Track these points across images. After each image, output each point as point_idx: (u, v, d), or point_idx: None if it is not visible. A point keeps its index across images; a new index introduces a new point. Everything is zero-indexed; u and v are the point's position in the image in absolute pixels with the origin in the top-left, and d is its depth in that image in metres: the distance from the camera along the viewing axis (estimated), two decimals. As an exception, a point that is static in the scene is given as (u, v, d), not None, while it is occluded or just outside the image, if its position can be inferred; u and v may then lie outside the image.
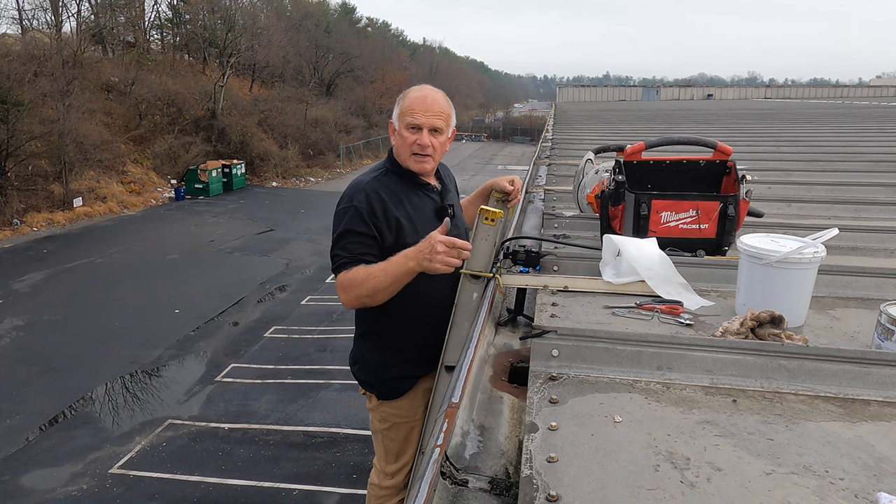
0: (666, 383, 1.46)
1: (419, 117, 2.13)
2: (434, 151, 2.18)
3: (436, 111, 2.15)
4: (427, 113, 2.14)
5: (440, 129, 2.18)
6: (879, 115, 12.57)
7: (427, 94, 2.18)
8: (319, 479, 8.34)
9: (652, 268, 2.07)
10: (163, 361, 12.35)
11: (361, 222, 2.10)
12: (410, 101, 2.16)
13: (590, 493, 1.05)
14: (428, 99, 2.16)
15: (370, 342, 2.35)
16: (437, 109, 2.16)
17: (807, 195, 3.84)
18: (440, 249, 1.92)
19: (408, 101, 2.17)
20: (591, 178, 2.99)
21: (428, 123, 2.14)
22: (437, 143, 2.18)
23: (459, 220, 2.35)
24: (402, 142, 2.18)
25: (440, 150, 2.22)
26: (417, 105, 2.14)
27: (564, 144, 7.09)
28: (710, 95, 37.45)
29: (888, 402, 1.38)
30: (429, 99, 2.16)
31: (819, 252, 1.75)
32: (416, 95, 2.18)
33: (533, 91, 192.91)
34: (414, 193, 2.23)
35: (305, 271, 18.37)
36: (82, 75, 26.47)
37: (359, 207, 2.11)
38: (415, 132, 2.14)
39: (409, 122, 2.14)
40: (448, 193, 2.35)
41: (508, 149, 53.89)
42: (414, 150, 2.16)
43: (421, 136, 2.14)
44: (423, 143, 2.14)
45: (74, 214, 22.96)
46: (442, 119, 2.17)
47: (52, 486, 8.29)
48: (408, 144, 2.16)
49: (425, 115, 2.14)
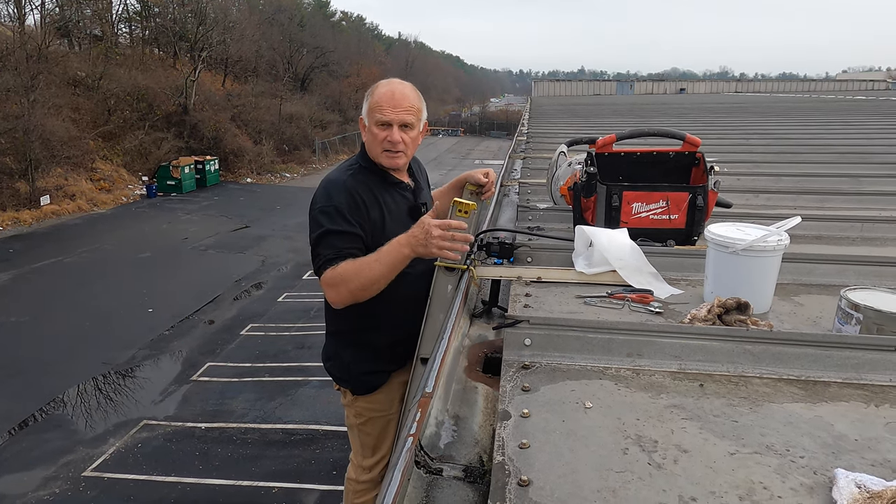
0: (636, 369, 1.49)
1: (388, 113, 2.09)
2: (406, 147, 2.14)
3: (405, 106, 2.10)
4: (396, 108, 2.09)
5: (411, 124, 2.13)
6: (845, 109, 12.91)
7: (395, 88, 2.13)
8: (299, 476, 8.30)
9: (623, 258, 2.11)
10: (136, 361, 12.13)
11: (345, 221, 2.05)
12: (379, 96, 2.11)
13: (560, 476, 1.08)
14: (396, 94, 2.11)
15: (342, 339, 2.34)
16: (406, 104, 2.11)
17: (774, 186, 3.93)
18: (435, 234, 1.89)
19: (376, 96, 2.12)
20: (565, 170, 3.02)
21: (398, 119, 2.10)
22: (409, 138, 2.14)
23: None
24: (372, 138, 2.14)
25: (412, 146, 2.18)
26: (386, 101, 2.09)
27: (540, 138, 7.13)
28: (683, 90, 37.99)
29: (847, 384, 1.43)
30: (397, 94, 2.11)
31: (783, 240, 1.80)
32: (384, 91, 2.12)
33: (509, 86, 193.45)
34: (387, 192, 2.20)
35: (282, 268, 18.20)
36: (47, 70, 25.70)
37: (339, 207, 2.06)
38: (385, 128, 2.10)
39: (378, 118, 2.10)
40: (421, 192, 2.33)
41: (485, 143, 54.00)
42: (385, 147, 2.12)
43: (391, 132, 2.09)
44: (393, 139, 2.10)
45: (42, 213, 22.35)
46: (412, 114, 2.12)
47: (23, 491, 8.10)
48: (378, 141, 2.12)
49: (394, 111, 2.09)
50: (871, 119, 9.84)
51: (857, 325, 1.58)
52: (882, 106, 13.68)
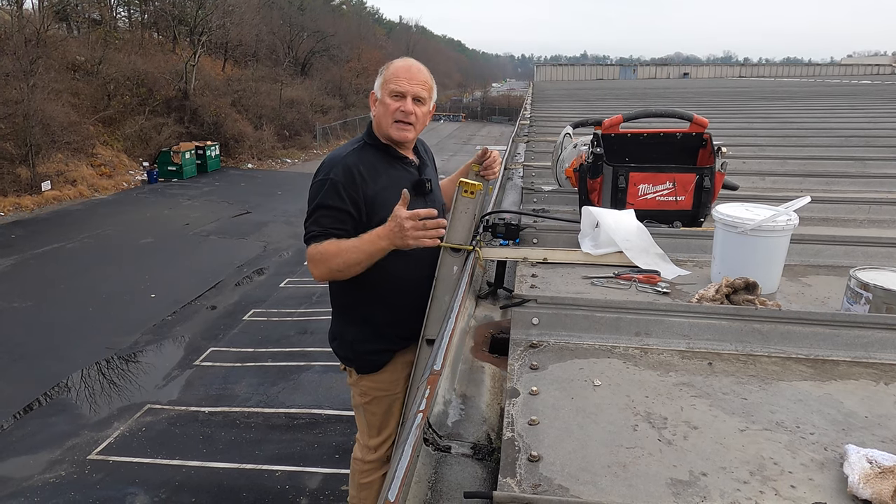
0: (644, 348, 1.49)
1: (404, 84, 2.13)
2: (416, 120, 2.18)
3: (420, 80, 2.16)
4: (412, 81, 2.14)
5: (423, 99, 2.18)
6: (850, 93, 12.80)
7: (412, 64, 2.20)
8: (302, 459, 8.35)
9: (630, 239, 2.10)
10: (139, 347, 12.16)
11: (337, 196, 2.09)
12: (395, 69, 2.17)
13: (570, 452, 1.07)
14: (413, 68, 2.18)
15: (346, 318, 2.35)
16: (422, 78, 2.17)
17: (780, 169, 3.91)
18: (407, 225, 1.92)
19: (392, 69, 2.17)
20: (570, 152, 2.99)
21: (412, 91, 2.14)
22: (420, 112, 2.18)
23: (437, 196, 2.34)
24: (384, 109, 2.16)
25: (422, 120, 2.21)
26: (402, 73, 2.15)
27: (542, 122, 7.09)
28: (686, 74, 37.62)
29: (856, 362, 1.42)
30: (413, 68, 2.18)
31: (792, 220, 1.79)
32: (400, 65, 2.18)
33: (511, 70, 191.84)
34: (391, 167, 2.21)
35: (283, 254, 18.18)
36: (46, 54, 25.48)
37: (335, 180, 2.09)
38: (398, 99, 2.14)
39: (392, 89, 2.14)
40: (426, 168, 2.34)
41: (487, 128, 53.67)
42: (397, 118, 2.14)
43: (405, 102, 2.13)
44: (406, 109, 2.13)
45: (43, 199, 22.30)
46: (425, 89, 2.18)
47: (29, 474, 8.16)
48: (391, 111, 2.14)
49: (410, 84, 2.14)
50: (877, 103, 9.76)
51: (866, 304, 1.57)
52: (888, 90, 13.56)
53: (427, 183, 2.26)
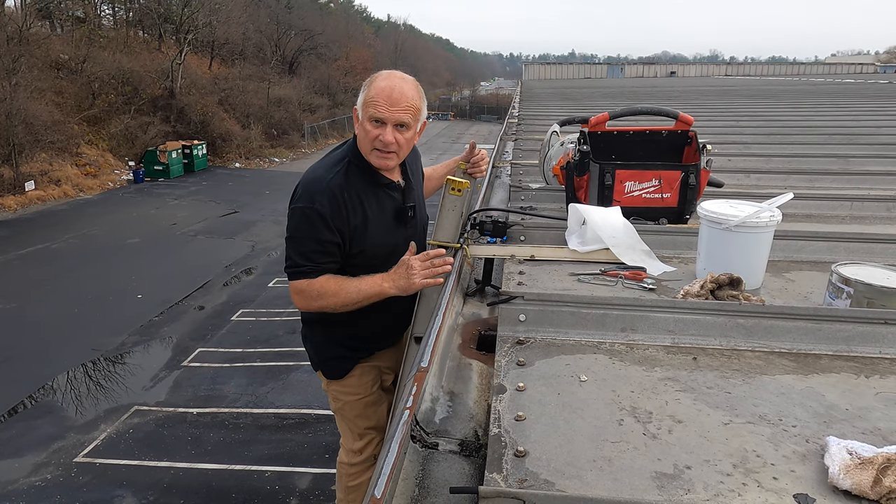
0: (630, 344, 1.50)
1: (383, 111, 1.94)
2: (399, 148, 2.00)
3: (402, 105, 1.95)
4: (393, 107, 1.93)
5: (407, 125, 1.98)
6: (834, 91, 12.95)
7: (395, 84, 1.96)
8: (292, 460, 8.32)
9: (616, 236, 2.11)
10: (126, 348, 12.05)
11: (326, 229, 1.97)
12: (376, 91, 1.96)
13: (556, 447, 1.08)
14: (395, 91, 1.94)
15: (312, 325, 2.33)
16: (405, 103, 1.95)
17: (765, 166, 3.95)
18: (416, 266, 1.94)
19: (373, 90, 1.97)
20: (557, 150, 3.00)
21: (393, 119, 1.95)
22: (403, 139, 2.00)
23: (419, 219, 2.26)
24: (364, 134, 2.00)
25: (406, 147, 2.04)
26: (383, 97, 1.94)
27: (531, 120, 7.10)
28: (674, 73, 37.90)
29: (838, 356, 1.44)
30: (395, 91, 1.95)
31: (775, 216, 1.81)
32: (382, 86, 1.96)
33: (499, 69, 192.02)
34: (374, 194, 2.08)
35: (272, 253, 18.08)
36: (29, 52, 25.12)
37: (322, 212, 1.96)
38: (378, 126, 1.96)
39: (371, 114, 1.95)
40: (411, 192, 2.19)
41: (476, 127, 53.70)
42: (376, 146, 1.98)
43: (384, 132, 1.95)
44: (385, 140, 1.96)
45: (27, 199, 22.01)
46: (409, 113, 1.97)
47: (14, 478, 8.06)
48: (370, 139, 1.98)
49: (390, 110, 1.94)
50: (860, 101, 9.89)
51: (847, 299, 1.59)
52: (870, 89, 13.74)
53: (409, 210, 2.17)
